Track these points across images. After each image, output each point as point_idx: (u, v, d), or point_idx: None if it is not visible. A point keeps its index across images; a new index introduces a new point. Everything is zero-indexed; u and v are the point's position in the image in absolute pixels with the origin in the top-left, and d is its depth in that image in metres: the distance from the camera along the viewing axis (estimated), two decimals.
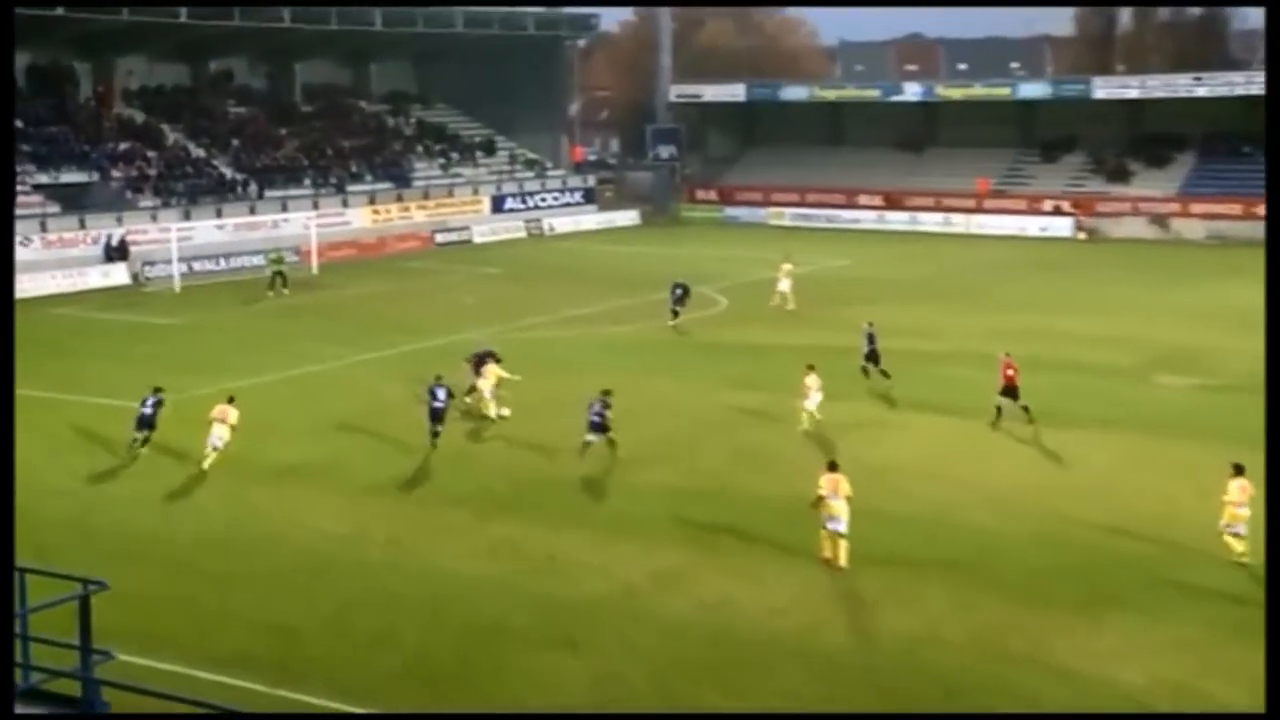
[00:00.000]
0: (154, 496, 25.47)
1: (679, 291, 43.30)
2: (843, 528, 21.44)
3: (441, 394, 28.85)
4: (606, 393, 27.94)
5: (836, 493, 21.59)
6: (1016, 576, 21.08)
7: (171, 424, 30.02)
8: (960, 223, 73.60)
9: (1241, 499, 21.26)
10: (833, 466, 22.17)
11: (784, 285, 46.31)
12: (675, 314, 42.69)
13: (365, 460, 27.82)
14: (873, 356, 33.38)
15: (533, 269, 59.25)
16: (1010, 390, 29.39)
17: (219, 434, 26.99)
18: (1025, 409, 29.16)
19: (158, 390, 28.66)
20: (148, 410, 28.01)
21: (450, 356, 37.72)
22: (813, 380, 29.78)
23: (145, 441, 27.88)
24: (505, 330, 40.41)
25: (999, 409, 29.40)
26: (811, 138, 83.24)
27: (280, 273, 52.09)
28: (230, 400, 28.01)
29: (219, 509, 24.67)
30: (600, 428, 27.54)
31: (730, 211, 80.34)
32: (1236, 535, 21.21)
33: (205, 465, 26.80)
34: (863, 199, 77.57)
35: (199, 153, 65.81)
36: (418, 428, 29.75)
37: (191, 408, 32.14)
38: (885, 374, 33.01)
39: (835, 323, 42.51)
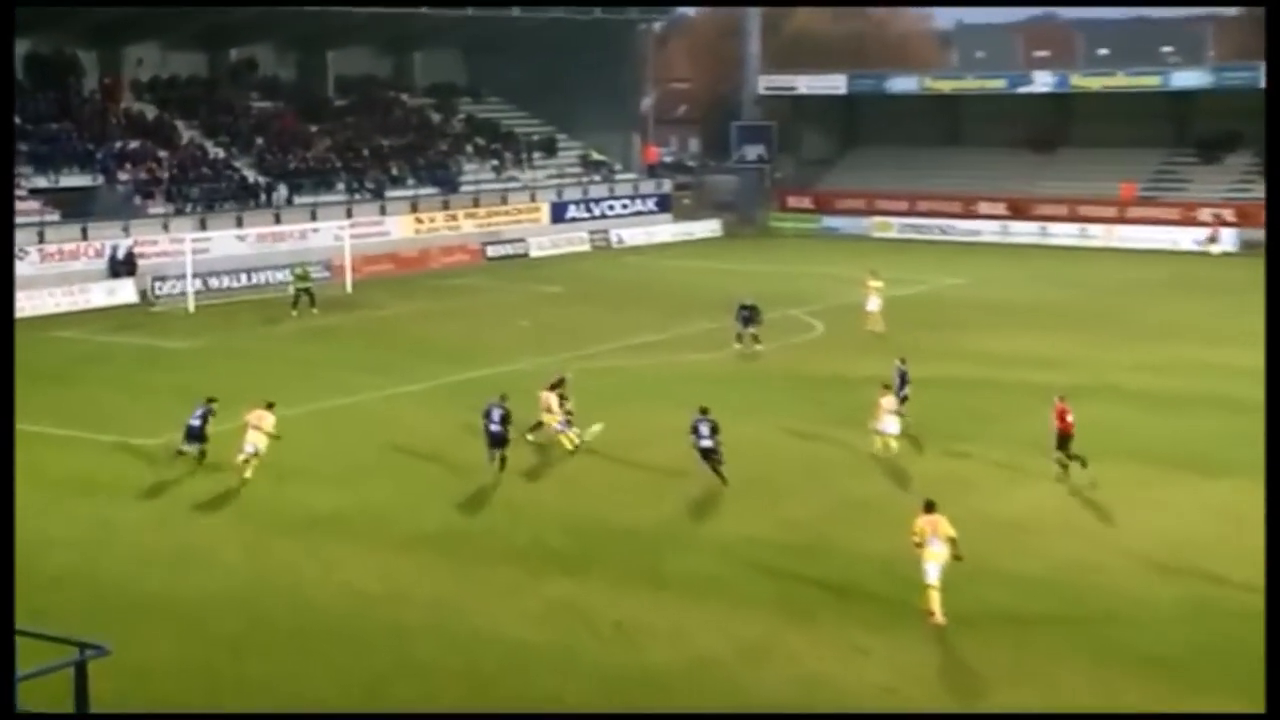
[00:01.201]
0: (165, 548, 25.83)
1: (746, 312, 43.78)
2: (933, 577, 21.57)
3: (497, 415, 29.76)
4: (704, 409, 29.08)
5: (936, 536, 21.71)
6: (1165, 652, 20.81)
7: (181, 463, 30.42)
8: (1099, 235, 72.95)
9: None
10: (929, 507, 22.30)
11: (873, 305, 46.76)
12: (741, 338, 43.41)
13: (404, 508, 28.05)
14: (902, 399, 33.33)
15: (599, 288, 59.50)
16: (1065, 440, 28.92)
17: (254, 440, 28.92)
18: (1081, 462, 28.72)
19: (210, 400, 30.59)
20: (195, 422, 30.08)
21: (503, 388, 37.99)
22: (889, 402, 30.64)
23: (202, 456, 30.14)
24: (567, 359, 40.59)
25: (1062, 464, 28.96)
26: (923, 136, 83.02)
27: (307, 290, 52.77)
28: (269, 406, 29.92)
29: (238, 563, 24.98)
30: (712, 452, 28.57)
31: (828, 222, 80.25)
32: None
33: (247, 474, 28.86)
34: (983, 207, 77.15)
35: (217, 153, 66.91)
36: (464, 471, 29.96)
37: (209, 445, 32.58)
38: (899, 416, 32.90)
39: (948, 352, 42.27)
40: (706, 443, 29.08)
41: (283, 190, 65.74)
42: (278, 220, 63.61)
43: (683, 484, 29.24)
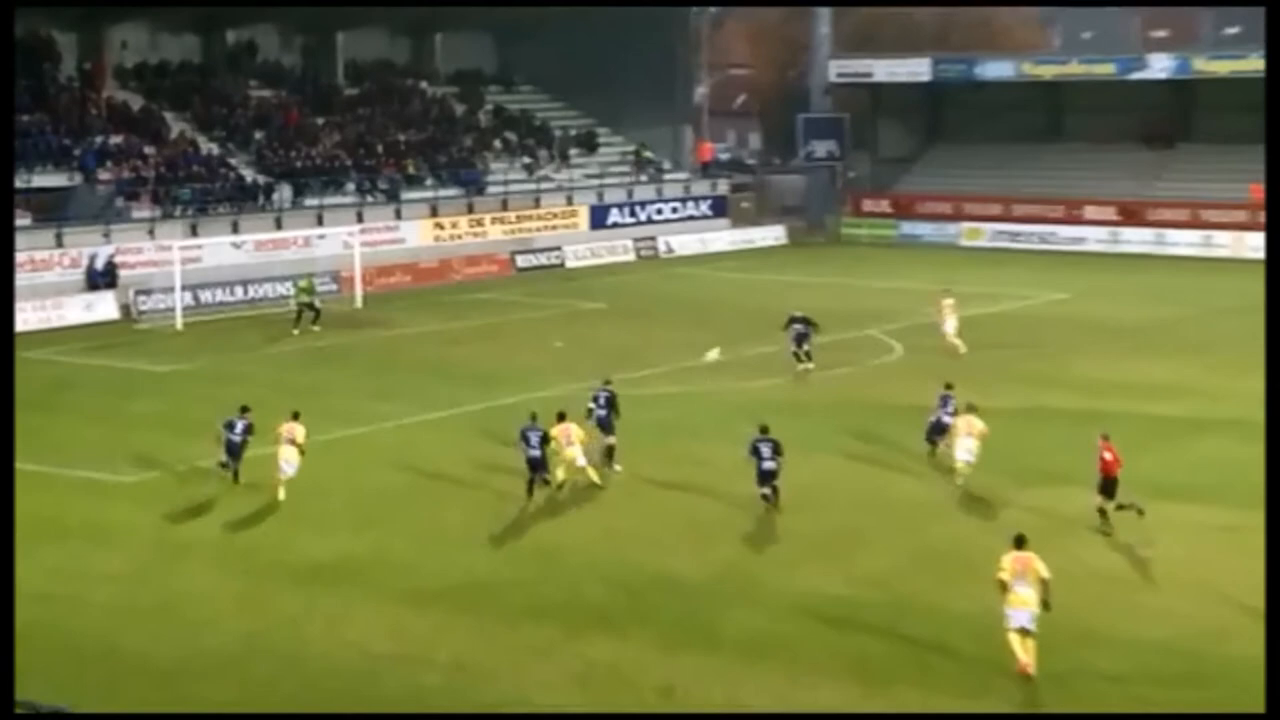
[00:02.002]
0: (147, 601, 25.99)
1: (799, 328, 44.15)
2: (1030, 623, 21.59)
3: (535, 438, 30.71)
4: (765, 428, 30.25)
5: (1025, 577, 21.75)
6: None
7: (167, 503, 30.63)
8: (1226, 244, 72.51)
9: None
10: (1020, 542, 22.41)
11: (949, 325, 47.20)
12: (799, 357, 43.94)
13: (421, 555, 28.17)
14: (940, 429, 33.79)
15: (644, 303, 59.66)
16: (1109, 484, 28.75)
17: (288, 458, 30.63)
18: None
19: (244, 410, 32.10)
20: (236, 437, 31.74)
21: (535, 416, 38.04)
22: (966, 423, 31.30)
23: (237, 475, 31.77)
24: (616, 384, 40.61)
25: (1102, 512, 28.84)
26: (1020, 130, 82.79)
27: (310, 304, 53.13)
28: (295, 416, 31.45)
29: (232, 618, 25.09)
30: (773, 476, 29.43)
31: (908, 228, 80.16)
32: None
33: (281, 495, 30.57)
34: (1090, 211, 76.89)
35: (211, 149, 67.47)
36: (490, 512, 30.08)
37: (196, 484, 32.78)
38: (935, 446, 33.93)
39: (1047, 378, 42.12)
40: (770, 464, 29.81)
41: (285, 191, 66.24)
42: (279, 225, 64.11)
43: (740, 527, 29.28)
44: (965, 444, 31.70)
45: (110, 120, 66.08)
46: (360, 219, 65.66)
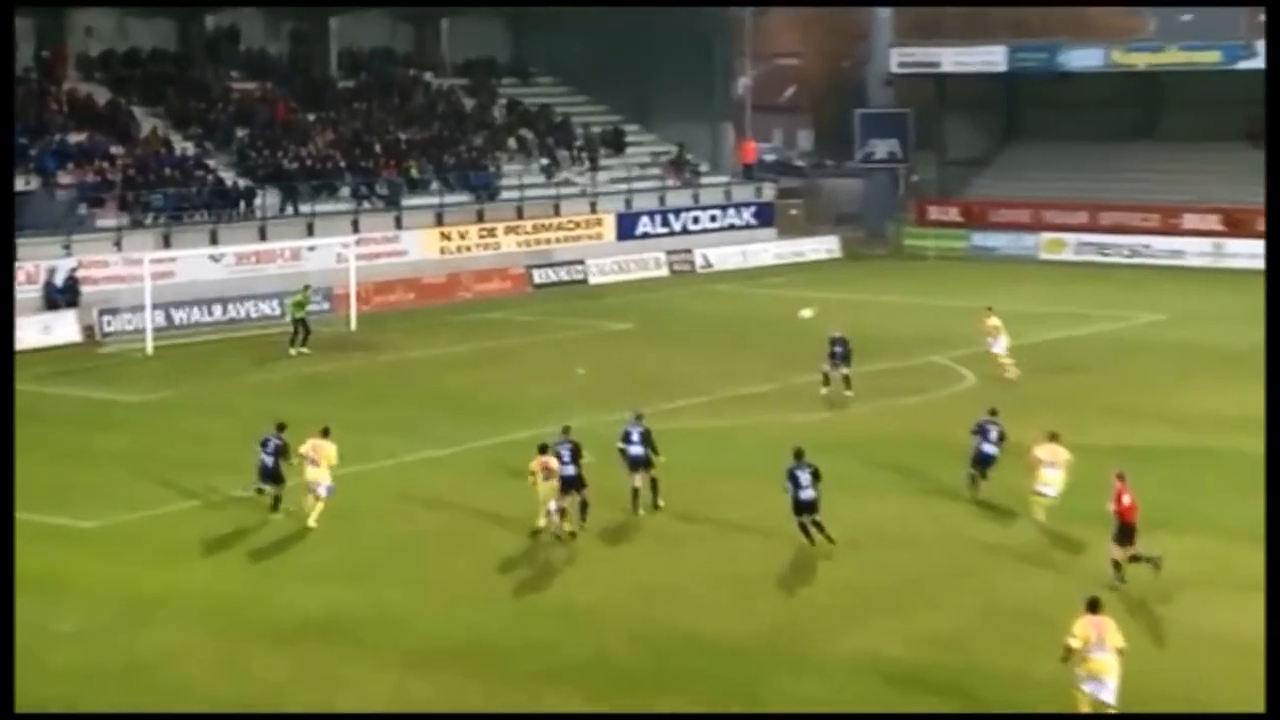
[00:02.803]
0: (113, 663, 26.07)
1: (839, 349, 44.96)
2: (1109, 695, 21.75)
3: (567, 453, 31.42)
4: (800, 453, 31.04)
5: (1103, 643, 21.88)
6: None
7: (136, 551, 30.74)
8: None
9: None
10: (1093, 606, 22.58)
11: (999, 345, 47.73)
12: (829, 380, 45.31)
13: (425, 610, 28.25)
14: (983, 460, 34.63)
15: (678, 325, 59.79)
16: (1126, 532, 28.74)
17: (317, 479, 32.02)
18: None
19: (280, 428, 33.29)
20: (268, 458, 32.84)
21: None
22: (1049, 452, 31.92)
23: (277, 501, 32.90)
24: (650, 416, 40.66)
25: (1117, 564, 28.86)
26: (1109, 127, 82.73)
27: (303, 320, 53.63)
28: (325, 433, 32.59)
29: (208, 683, 25.15)
30: (811, 507, 30.06)
31: (981, 239, 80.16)
32: None
33: (311, 521, 31.97)
34: (1189, 221, 76.75)
35: (186, 148, 67.79)
36: (502, 560, 30.17)
37: (168, 530, 32.94)
38: (976, 481, 34.70)
39: (1140, 410, 42.04)
40: (809, 493, 30.36)
41: (271, 197, 66.51)
42: (263, 236, 64.45)
43: (786, 580, 29.32)
44: (1048, 475, 32.04)
45: (72, 116, 66.41)
46: (356, 228, 65.94)
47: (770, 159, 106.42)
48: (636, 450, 33.74)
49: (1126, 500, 28.82)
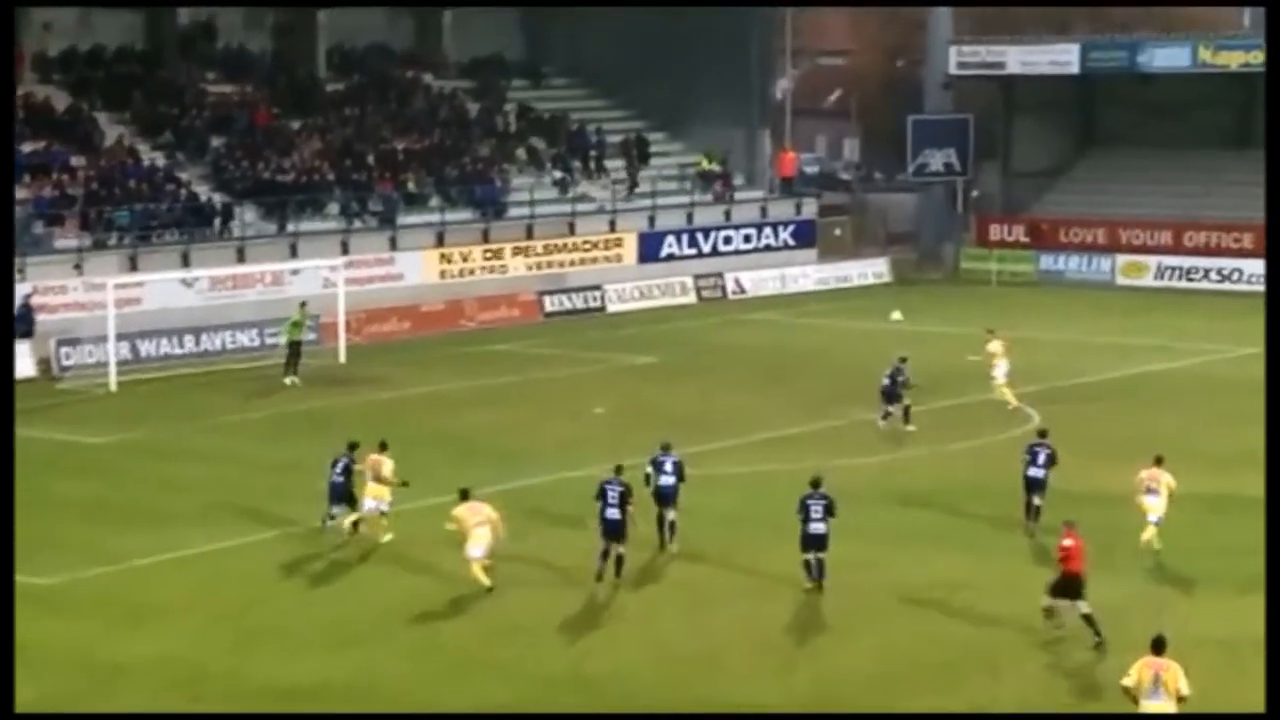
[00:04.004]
0: None
1: (899, 377, 46.26)
2: None
3: (614, 494, 32.17)
4: (817, 482, 32.18)
5: (1158, 688, 22.67)
6: None
7: (98, 612, 30.80)
8: None
9: None
10: (1157, 646, 23.28)
11: (1000, 370, 48.96)
12: (888, 416, 46.36)
13: (421, 683, 28.23)
14: (1030, 485, 36.13)
15: (707, 358, 59.75)
16: (1069, 586, 29.27)
17: (377, 496, 35.29)
18: (1094, 630, 29.09)
19: (352, 446, 36.41)
20: (338, 478, 35.71)
21: (565, 499, 38.12)
22: (1151, 476, 33.99)
23: (355, 526, 35.76)
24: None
25: (1049, 612, 29.65)
26: (1197, 134, 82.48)
27: (298, 345, 54.03)
28: (383, 448, 35.62)
29: None
30: (819, 543, 30.98)
31: (1049, 262, 79.94)
32: None
33: (386, 537, 35.39)
34: None
35: (155, 159, 67.84)
36: (509, 625, 30.17)
37: (135, 587, 33.02)
38: (1030, 511, 36.32)
39: (1234, 455, 41.93)
40: (819, 526, 31.33)
41: (250, 214, 66.53)
42: (241, 258, 64.40)
43: (829, 647, 29.31)
44: (1149, 503, 33.94)
45: (28, 123, 66.22)
46: (346, 249, 65.96)
47: (812, 171, 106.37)
48: (669, 480, 34.48)
49: (1069, 543, 29.48)
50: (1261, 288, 74.45)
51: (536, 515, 37.57)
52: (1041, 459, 36.26)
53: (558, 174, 76.42)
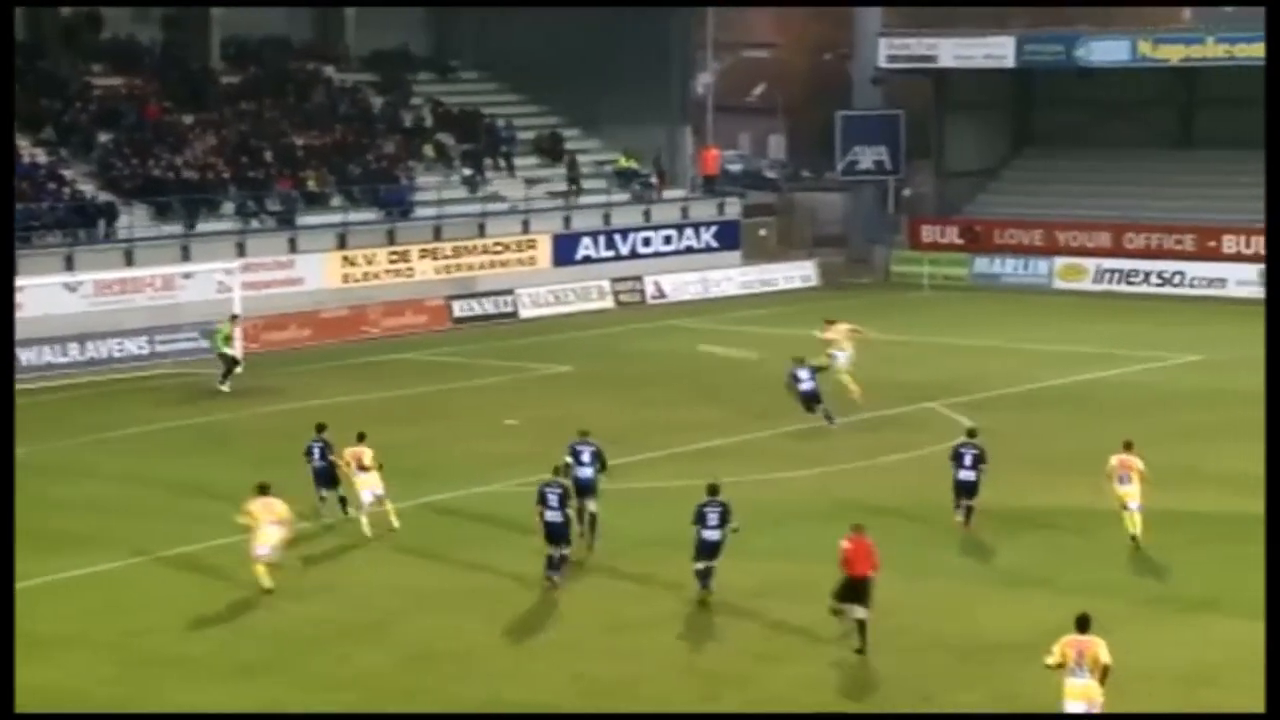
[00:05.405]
0: None
1: (808, 371, 47.39)
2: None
3: (555, 496, 33.10)
4: (714, 489, 32.76)
5: (1081, 665, 24.11)
6: None
7: None
8: None
9: None
10: (1082, 624, 24.78)
11: (842, 358, 50.55)
12: (818, 414, 47.86)
13: (328, 712, 28.15)
14: (961, 489, 36.93)
15: (627, 367, 59.99)
16: (856, 588, 30.13)
17: (372, 486, 37.03)
18: (860, 637, 29.95)
19: (320, 428, 38.86)
20: (318, 461, 38.33)
21: (474, 516, 38.16)
22: (1121, 464, 34.92)
23: (344, 503, 38.01)
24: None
25: (836, 612, 30.57)
26: (1136, 133, 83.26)
27: (225, 356, 54.71)
28: (360, 438, 37.53)
29: None
30: (712, 551, 31.97)
31: (985, 265, 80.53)
32: None
33: (395, 522, 37.18)
34: (1230, 243, 77.19)
35: (36, 155, 67.55)
36: (420, 651, 30.14)
37: (18, 612, 32.86)
38: (962, 511, 37.24)
39: (1175, 470, 42.12)
40: (713, 534, 31.92)
41: (139, 214, 66.37)
42: (130, 261, 64.24)
43: (763, 677, 29.32)
44: (1124, 490, 35.29)
45: None
46: (242, 252, 65.86)
47: (736, 169, 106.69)
48: (587, 472, 35.20)
49: (847, 545, 30.29)
50: (1205, 291, 75.54)
51: (446, 534, 37.57)
52: (969, 460, 37.05)
53: (467, 172, 76.33)
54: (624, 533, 35.84)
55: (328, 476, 38.39)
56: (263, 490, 34.00)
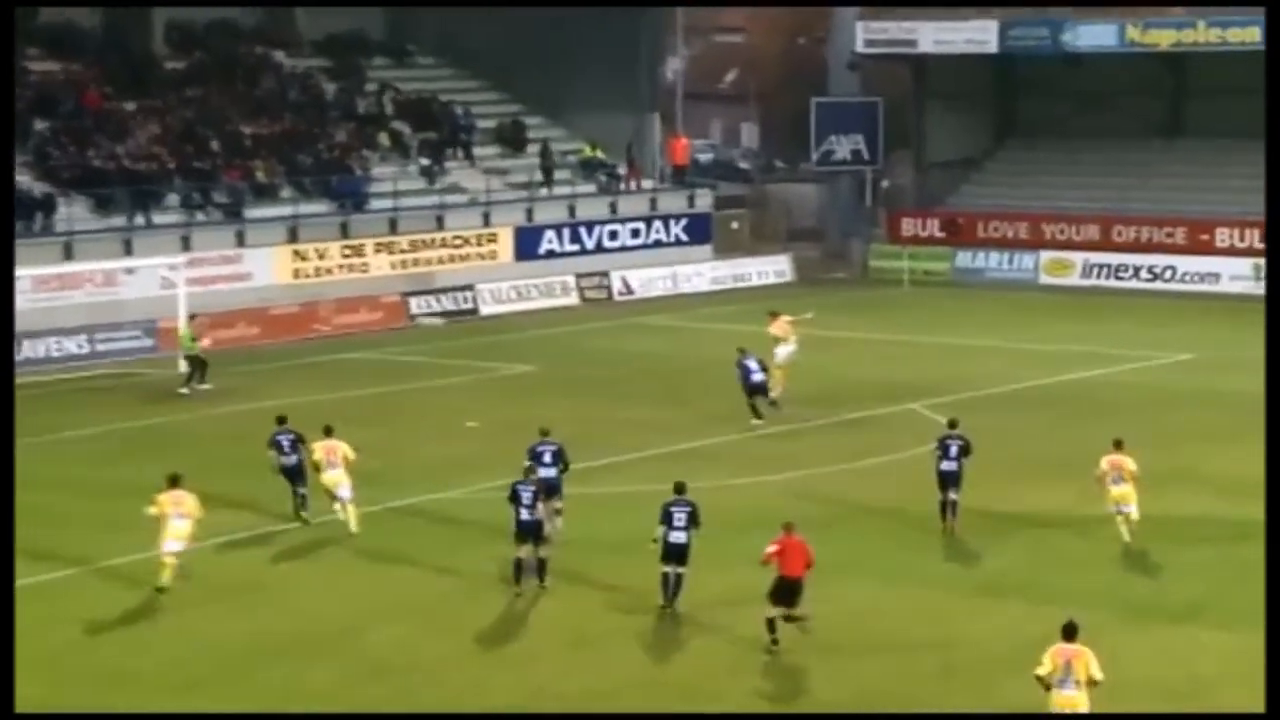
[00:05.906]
0: None
1: (750, 364, 48.28)
2: None
3: (528, 495, 33.49)
4: (681, 487, 32.98)
5: (1068, 676, 24.23)
6: None
7: None
8: None
9: None
10: (1069, 633, 25.03)
11: (783, 352, 51.14)
12: (756, 411, 48.47)
13: None
14: (944, 480, 37.81)
15: (592, 367, 59.89)
16: (787, 589, 30.43)
17: (338, 481, 37.30)
18: (801, 624, 30.20)
19: (281, 420, 39.40)
20: (289, 458, 38.52)
21: (435, 522, 37.96)
22: (1113, 464, 35.31)
23: (304, 501, 38.49)
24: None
25: (771, 624, 30.53)
26: (1125, 122, 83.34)
27: (193, 358, 54.74)
28: (328, 432, 37.90)
29: None
30: (679, 555, 31.87)
31: (968, 260, 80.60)
32: None
33: (354, 527, 37.37)
34: (1224, 237, 77.30)
35: None
36: (372, 666, 29.90)
37: None
38: (946, 510, 37.55)
39: (1171, 473, 42.13)
40: (680, 536, 31.95)
41: (78, 207, 66.10)
42: (69, 255, 63.99)
43: (731, 691, 29.17)
44: (1117, 491, 35.67)
45: None
46: (187, 246, 65.61)
47: (707, 159, 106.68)
48: (549, 473, 35.43)
49: (774, 549, 30.35)
50: (1197, 286, 75.54)
51: (405, 540, 37.37)
52: (953, 451, 37.32)
53: (424, 162, 76.12)
54: (590, 540, 35.61)
55: (300, 471, 38.50)
56: (174, 482, 34.20)
